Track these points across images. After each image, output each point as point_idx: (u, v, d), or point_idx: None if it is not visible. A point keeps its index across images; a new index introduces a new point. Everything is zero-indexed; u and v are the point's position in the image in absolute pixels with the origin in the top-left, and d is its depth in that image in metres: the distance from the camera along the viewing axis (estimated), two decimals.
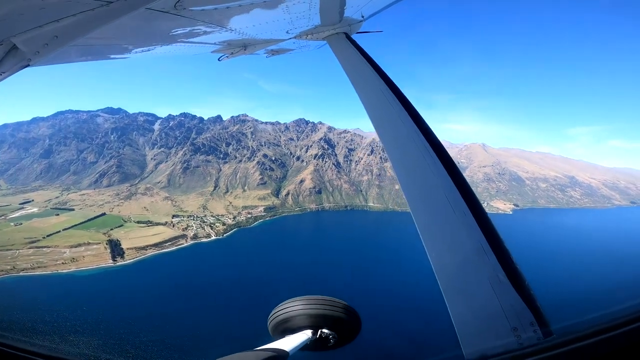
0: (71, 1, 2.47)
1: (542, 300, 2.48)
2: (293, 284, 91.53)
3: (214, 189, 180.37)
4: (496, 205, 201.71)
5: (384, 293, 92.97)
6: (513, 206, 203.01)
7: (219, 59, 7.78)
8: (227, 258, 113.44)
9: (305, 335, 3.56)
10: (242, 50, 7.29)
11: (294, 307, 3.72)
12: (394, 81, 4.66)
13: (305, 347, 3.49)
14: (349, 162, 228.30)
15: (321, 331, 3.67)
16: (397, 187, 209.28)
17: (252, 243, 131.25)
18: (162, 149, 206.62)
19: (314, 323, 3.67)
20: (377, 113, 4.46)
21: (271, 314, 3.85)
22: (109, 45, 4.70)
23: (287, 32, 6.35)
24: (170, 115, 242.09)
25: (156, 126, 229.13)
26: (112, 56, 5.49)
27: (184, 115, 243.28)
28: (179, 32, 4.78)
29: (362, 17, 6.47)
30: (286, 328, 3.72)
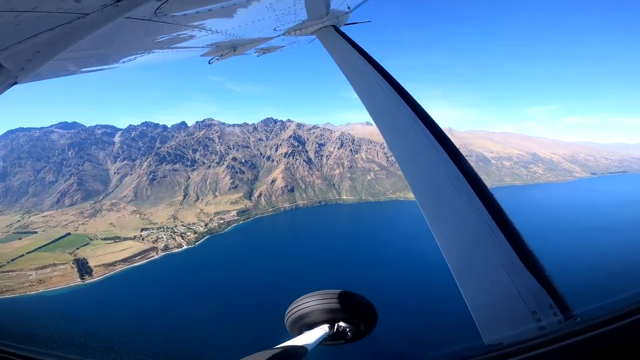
0: (45, 16, 2.50)
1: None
2: (279, 284, 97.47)
3: (184, 198, 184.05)
4: None
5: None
6: None
7: (209, 62, 7.95)
8: (200, 266, 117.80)
9: (323, 330, 3.74)
10: (231, 51, 7.43)
11: (309, 303, 3.91)
12: (387, 70, 4.79)
13: (323, 341, 3.68)
14: (320, 158, 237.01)
15: (338, 325, 3.83)
16: (368, 177, 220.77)
17: (225, 248, 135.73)
18: (126, 162, 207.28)
19: (331, 318, 3.84)
20: (374, 103, 4.57)
21: (287, 311, 4.07)
22: (98, 57, 4.88)
23: (274, 30, 6.45)
24: (131, 125, 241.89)
25: (116, 138, 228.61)
26: (103, 67, 5.67)
27: (146, 124, 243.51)
28: (163, 38, 4.93)
29: (349, 8, 6.59)
30: (303, 324, 3.90)
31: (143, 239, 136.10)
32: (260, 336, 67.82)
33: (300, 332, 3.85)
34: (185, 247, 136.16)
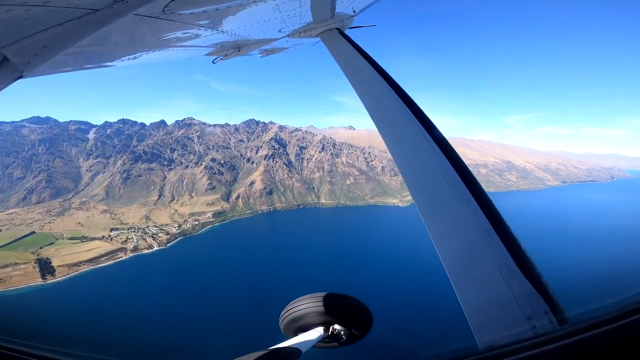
0: (56, 11, 2.52)
1: None
2: (251, 287, 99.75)
3: (159, 198, 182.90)
4: None
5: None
6: None
7: (213, 62, 8.05)
8: (170, 267, 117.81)
9: (317, 332, 3.80)
10: (235, 51, 7.53)
11: (304, 305, 3.96)
12: (390, 74, 4.90)
13: (317, 344, 3.74)
14: (300, 161, 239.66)
15: (333, 328, 3.88)
16: (348, 182, 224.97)
17: (197, 250, 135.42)
18: (99, 159, 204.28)
19: (326, 320, 3.88)
20: (375, 107, 4.66)
21: (282, 313, 4.10)
22: (102, 53, 4.92)
23: (279, 31, 6.56)
24: (107, 122, 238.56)
25: (91, 135, 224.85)
26: (106, 64, 5.74)
27: (123, 121, 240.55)
28: (169, 36, 5.03)
29: (354, 12, 6.69)
30: (298, 326, 3.95)
31: (112, 239, 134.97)
32: (232, 343, 69.44)
33: (295, 334, 3.92)
34: (156, 248, 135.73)
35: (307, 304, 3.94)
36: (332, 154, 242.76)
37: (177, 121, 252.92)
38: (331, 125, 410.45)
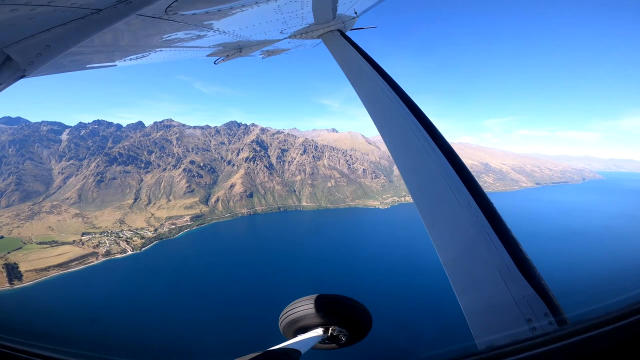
0: (60, 10, 2.54)
1: None
2: (226, 292, 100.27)
3: (134, 201, 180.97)
4: None
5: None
6: None
7: (215, 62, 8.11)
8: (144, 272, 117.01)
9: (317, 333, 3.82)
10: (237, 52, 7.64)
11: (303, 306, 3.98)
12: (393, 76, 4.92)
13: (317, 345, 3.78)
14: (282, 163, 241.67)
15: (332, 329, 3.89)
16: (329, 184, 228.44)
17: (173, 254, 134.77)
18: (72, 161, 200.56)
19: (325, 321, 3.89)
20: (376, 108, 4.69)
21: (281, 314, 4.12)
22: (104, 53, 4.97)
23: (281, 32, 6.63)
24: (81, 123, 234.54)
25: (64, 136, 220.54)
26: (108, 64, 5.77)
27: (98, 122, 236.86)
28: (172, 37, 5.10)
29: (356, 13, 6.80)
30: (297, 328, 3.97)
31: (83, 244, 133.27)
32: (223, 345, 70.27)
33: (294, 336, 3.95)
34: (129, 252, 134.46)
35: (307, 305, 3.98)
36: (313, 156, 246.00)
37: (155, 122, 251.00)
38: (315, 127, 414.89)
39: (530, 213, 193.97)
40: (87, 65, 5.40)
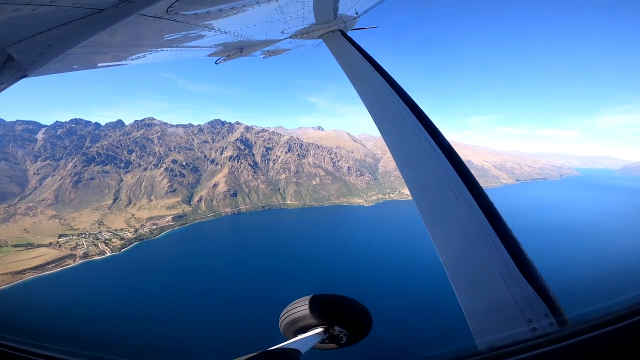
0: (61, 10, 2.56)
1: None
2: (207, 292, 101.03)
3: (114, 202, 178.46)
4: (407, 193, 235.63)
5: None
6: None
7: (216, 62, 8.24)
8: (124, 273, 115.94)
9: (317, 333, 3.84)
10: (238, 52, 7.70)
11: (304, 306, 4.00)
12: (392, 76, 4.96)
13: (317, 345, 3.80)
14: (266, 162, 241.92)
15: (332, 329, 3.92)
16: (314, 182, 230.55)
17: (154, 255, 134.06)
18: (48, 161, 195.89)
19: (325, 321, 3.92)
20: (377, 108, 4.72)
21: (282, 314, 4.14)
22: (106, 53, 5.00)
23: (282, 33, 6.68)
24: (57, 122, 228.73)
25: (39, 135, 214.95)
26: (109, 64, 5.83)
27: (76, 121, 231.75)
28: (173, 37, 5.15)
29: (357, 13, 6.86)
30: (298, 327, 3.99)
31: (60, 246, 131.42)
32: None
33: (294, 335, 3.98)
34: (108, 254, 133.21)
35: (307, 305, 3.99)
36: (298, 154, 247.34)
37: (135, 121, 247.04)
38: (300, 125, 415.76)
39: (508, 209, 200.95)
40: (89, 65, 5.50)
